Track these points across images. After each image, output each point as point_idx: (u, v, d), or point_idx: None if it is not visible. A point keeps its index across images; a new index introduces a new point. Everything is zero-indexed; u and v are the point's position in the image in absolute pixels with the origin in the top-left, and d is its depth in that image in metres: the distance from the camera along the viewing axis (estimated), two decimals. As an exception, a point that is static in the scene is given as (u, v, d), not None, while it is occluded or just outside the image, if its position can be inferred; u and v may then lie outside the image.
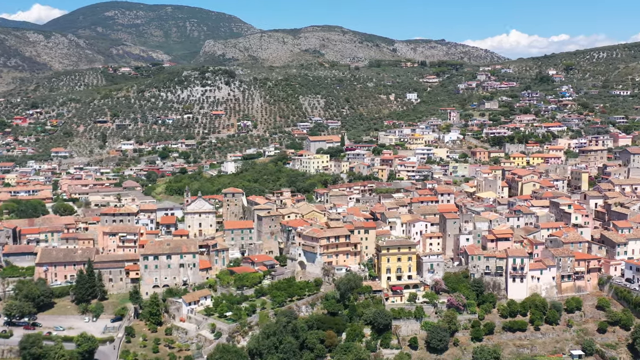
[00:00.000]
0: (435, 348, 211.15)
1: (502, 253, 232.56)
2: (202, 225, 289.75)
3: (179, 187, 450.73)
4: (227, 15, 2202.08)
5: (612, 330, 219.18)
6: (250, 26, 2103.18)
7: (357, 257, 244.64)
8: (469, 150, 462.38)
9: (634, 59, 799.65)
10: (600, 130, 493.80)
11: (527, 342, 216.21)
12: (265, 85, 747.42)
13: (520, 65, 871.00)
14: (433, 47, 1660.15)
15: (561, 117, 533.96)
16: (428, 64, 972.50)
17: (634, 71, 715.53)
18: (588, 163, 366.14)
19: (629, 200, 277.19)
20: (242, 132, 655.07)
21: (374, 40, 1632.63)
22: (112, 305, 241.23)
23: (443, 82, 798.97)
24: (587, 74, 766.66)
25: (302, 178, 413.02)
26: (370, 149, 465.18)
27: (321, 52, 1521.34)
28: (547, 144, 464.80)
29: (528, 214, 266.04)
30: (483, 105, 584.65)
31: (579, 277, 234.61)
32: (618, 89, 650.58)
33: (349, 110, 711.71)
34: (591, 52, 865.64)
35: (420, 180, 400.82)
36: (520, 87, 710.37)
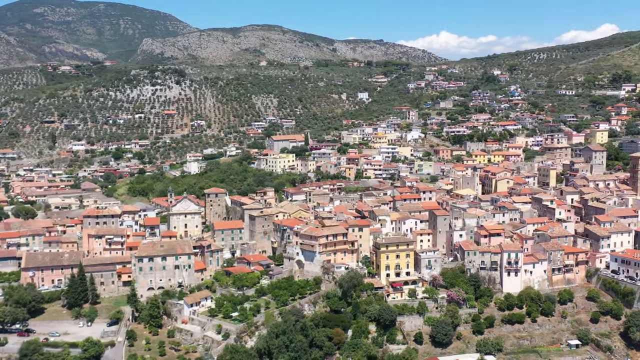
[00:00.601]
0: (441, 342, 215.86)
1: (497, 248, 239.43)
2: (188, 226, 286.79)
3: (142, 188, 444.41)
4: (162, 14, 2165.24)
5: (604, 320, 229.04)
6: (187, 25, 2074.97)
7: (354, 255, 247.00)
8: (431, 149, 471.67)
9: (573, 59, 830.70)
10: (553, 128, 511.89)
11: (526, 334, 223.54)
12: (216, 85, 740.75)
13: (465, 65, 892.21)
14: (372, 47, 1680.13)
15: (514, 116, 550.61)
16: (374, 64, 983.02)
17: (574, 71, 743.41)
18: (554, 160, 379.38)
19: (604, 195, 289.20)
20: (197, 132, 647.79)
21: (314, 40, 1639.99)
22: (106, 310, 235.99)
23: (392, 81, 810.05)
24: (530, 74, 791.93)
25: (269, 178, 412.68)
26: (335, 148, 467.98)
27: (262, 51, 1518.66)
28: (505, 142, 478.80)
29: (512, 210, 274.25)
30: (438, 105, 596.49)
31: (568, 269, 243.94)
32: (562, 89, 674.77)
33: (302, 109, 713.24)
34: (532, 53, 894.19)
35: (387, 179, 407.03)
36: (468, 86, 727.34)
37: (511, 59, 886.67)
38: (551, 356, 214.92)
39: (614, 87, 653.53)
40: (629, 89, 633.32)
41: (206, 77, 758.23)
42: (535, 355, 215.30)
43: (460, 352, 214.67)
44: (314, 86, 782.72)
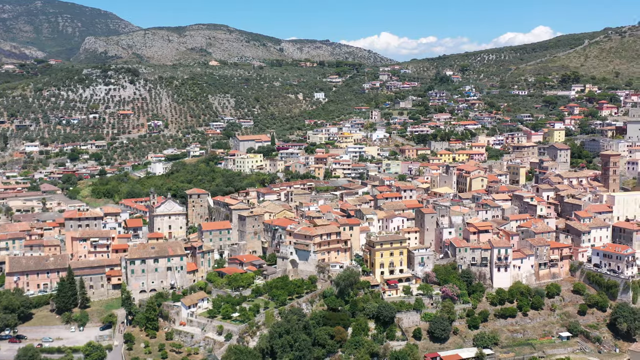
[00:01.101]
0: (439, 337, 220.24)
1: (487, 244, 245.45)
2: (172, 228, 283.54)
3: (106, 189, 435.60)
4: (102, 11, 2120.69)
5: (591, 312, 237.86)
6: (128, 23, 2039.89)
7: (347, 253, 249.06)
8: (396, 148, 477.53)
9: (521, 61, 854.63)
10: (512, 128, 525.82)
11: (519, 327, 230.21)
12: (171, 85, 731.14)
13: (417, 65, 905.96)
14: (319, 47, 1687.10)
15: (473, 116, 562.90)
16: (326, 64, 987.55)
17: (524, 72, 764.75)
18: (522, 158, 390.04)
19: (579, 192, 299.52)
20: (154, 132, 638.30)
21: (261, 40, 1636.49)
22: (97, 313, 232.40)
23: (347, 82, 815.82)
24: (482, 74, 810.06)
25: (238, 178, 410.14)
26: (302, 148, 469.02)
27: (208, 50, 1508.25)
28: (467, 141, 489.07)
29: (494, 207, 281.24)
30: (398, 105, 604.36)
31: (553, 264, 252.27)
32: (515, 89, 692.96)
33: (260, 109, 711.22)
34: (482, 54, 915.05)
35: (356, 178, 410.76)
36: (422, 87, 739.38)
37: (462, 60, 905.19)
38: (544, 348, 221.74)
39: (563, 88, 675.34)
40: (578, 89, 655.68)
41: (161, 76, 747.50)
42: (530, 347, 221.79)
43: (458, 347, 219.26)
44: (270, 86, 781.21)
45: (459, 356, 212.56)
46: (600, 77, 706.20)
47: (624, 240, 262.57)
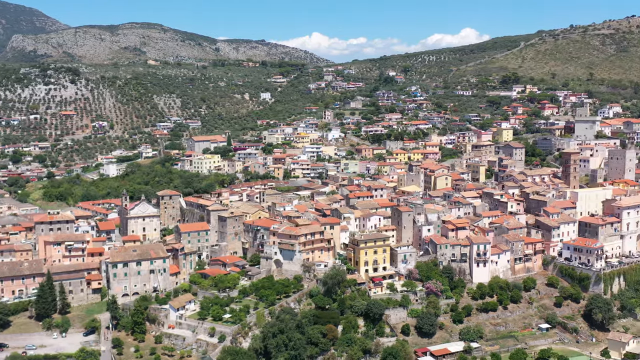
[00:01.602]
0: (427, 333, 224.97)
1: (465, 241, 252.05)
2: (147, 230, 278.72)
3: (59, 192, 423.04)
4: (27, 8, 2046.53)
5: (566, 303, 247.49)
6: (56, 21, 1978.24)
7: (330, 252, 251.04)
8: (352, 148, 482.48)
9: (461, 62, 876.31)
10: (461, 127, 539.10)
11: (501, 321, 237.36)
12: (114, 84, 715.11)
13: (360, 66, 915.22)
14: (254, 47, 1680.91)
15: (423, 116, 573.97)
16: (269, 64, 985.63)
17: (466, 73, 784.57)
18: (481, 157, 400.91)
19: (543, 189, 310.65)
20: (99, 133, 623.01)
21: (196, 39, 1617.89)
22: (78, 319, 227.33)
23: (292, 82, 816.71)
24: (424, 75, 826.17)
25: (197, 179, 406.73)
26: (259, 148, 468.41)
27: (142, 50, 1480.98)
28: (420, 140, 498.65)
29: (466, 205, 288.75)
30: (349, 105, 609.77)
31: (527, 259, 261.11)
32: (458, 89, 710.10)
33: (207, 109, 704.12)
34: (422, 55, 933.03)
35: (315, 178, 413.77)
36: (367, 87, 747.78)
37: (403, 61, 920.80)
38: (526, 340, 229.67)
39: (505, 88, 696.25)
40: (519, 90, 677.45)
41: (103, 76, 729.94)
42: (513, 340, 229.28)
43: (445, 341, 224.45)
44: (215, 86, 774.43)
45: (448, 350, 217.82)
46: (538, 78, 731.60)
47: (589, 235, 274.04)
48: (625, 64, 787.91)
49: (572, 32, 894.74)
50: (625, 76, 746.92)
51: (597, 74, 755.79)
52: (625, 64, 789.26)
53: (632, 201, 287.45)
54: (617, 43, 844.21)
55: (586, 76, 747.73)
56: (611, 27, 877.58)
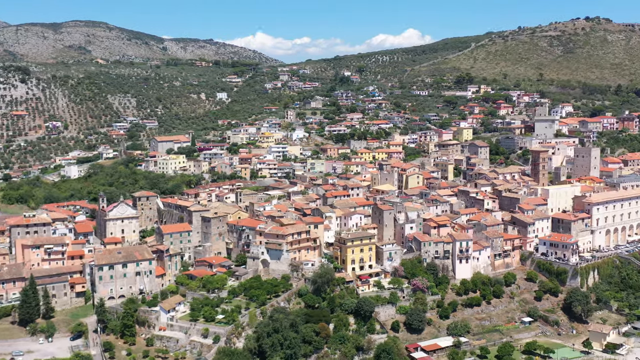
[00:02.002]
0: (416, 329, 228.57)
1: (448, 238, 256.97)
2: (125, 232, 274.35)
3: (19, 195, 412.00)
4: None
5: (546, 297, 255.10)
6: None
7: (316, 251, 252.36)
8: (317, 147, 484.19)
9: (414, 62, 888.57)
10: (422, 127, 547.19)
11: (485, 315, 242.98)
12: (67, 84, 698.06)
13: (314, 66, 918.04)
14: (202, 46, 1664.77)
15: (383, 115, 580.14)
16: (222, 64, 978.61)
17: (420, 73, 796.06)
18: (448, 156, 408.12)
19: (515, 186, 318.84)
20: (53, 134, 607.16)
21: (143, 38, 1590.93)
22: (63, 323, 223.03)
23: (247, 81, 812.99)
24: (379, 75, 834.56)
25: (162, 180, 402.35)
26: (224, 148, 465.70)
27: (87, 48, 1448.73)
28: (383, 139, 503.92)
29: (444, 203, 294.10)
30: (309, 105, 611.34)
31: (506, 254, 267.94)
32: (414, 89, 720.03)
33: (163, 109, 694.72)
34: (375, 56, 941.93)
35: (282, 177, 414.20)
36: (324, 87, 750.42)
37: (357, 61, 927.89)
38: (511, 333, 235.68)
39: (459, 88, 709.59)
40: (474, 90, 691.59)
41: (54, 75, 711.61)
42: (499, 334, 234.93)
43: (433, 337, 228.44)
44: (170, 86, 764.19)
45: (438, 345, 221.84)
46: (490, 78, 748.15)
47: (562, 230, 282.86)
48: (572, 65, 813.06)
49: (520, 33, 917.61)
50: (573, 77, 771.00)
51: (547, 74, 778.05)
52: (572, 64, 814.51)
53: (602, 197, 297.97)
54: (563, 45, 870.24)
55: (536, 77, 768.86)
56: (557, 29, 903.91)
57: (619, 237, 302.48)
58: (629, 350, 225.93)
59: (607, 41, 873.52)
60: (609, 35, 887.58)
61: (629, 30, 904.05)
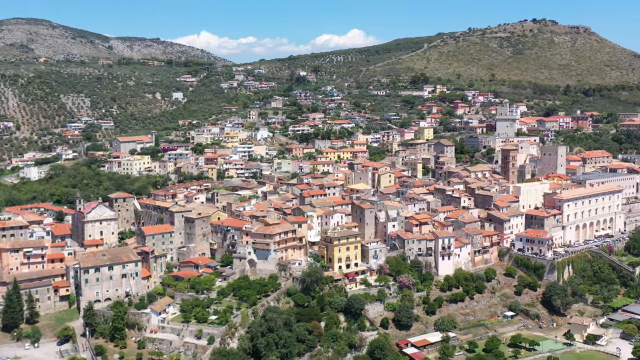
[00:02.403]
0: (405, 325, 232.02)
1: (431, 235, 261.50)
2: (104, 234, 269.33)
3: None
4: None
5: (525, 292, 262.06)
6: None
7: (302, 250, 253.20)
8: (281, 147, 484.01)
9: (368, 62, 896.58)
10: (383, 126, 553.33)
11: (469, 310, 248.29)
12: (16, 83, 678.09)
13: (269, 66, 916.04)
14: (149, 45, 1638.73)
15: (344, 115, 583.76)
16: (174, 63, 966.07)
17: (376, 73, 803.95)
18: (416, 154, 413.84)
19: (487, 184, 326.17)
20: (5, 135, 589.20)
21: (88, 37, 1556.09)
22: (49, 328, 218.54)
23: (202, 81, 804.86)
24: (334, 75, 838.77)
25: (128, 181, 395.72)
26: (189, 148, 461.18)
27: (30, 47, 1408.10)
28: (346, 139, 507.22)
29: (421, 201, 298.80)
30: (270, 105, 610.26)
31: (485, 251, 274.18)
32: (371, 89, 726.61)
33: (118, 109, 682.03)
34: (329, 56, 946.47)
35: (250, 177, 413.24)
36: (280, 87, 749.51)
37: (311, 61, 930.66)
38: (495, 327, 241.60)
39: (416, 88, 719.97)
40: (430, 90, 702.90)
41: (3, 74, 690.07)
42: (484, 328, 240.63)
43: (422, 333, 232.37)
44: (124, 85, 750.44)
45: (428, 341, 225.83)
46: (445, 78, 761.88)
47: (535, 226, 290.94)
48: (522, 66, 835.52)
49: (471, 34, 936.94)
50: (523, 77, 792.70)
51: (498, 75, 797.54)
52: (522, 65, 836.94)
53: (572, 194, 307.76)
54: (513, 46, 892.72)
55: (488, 77, 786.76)
56: (507, 31, 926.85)
57: (587, 232, 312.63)
58: (608, 341, 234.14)
59: (554, 43, 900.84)
60: (556, 37, 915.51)
61: (574, 32, 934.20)
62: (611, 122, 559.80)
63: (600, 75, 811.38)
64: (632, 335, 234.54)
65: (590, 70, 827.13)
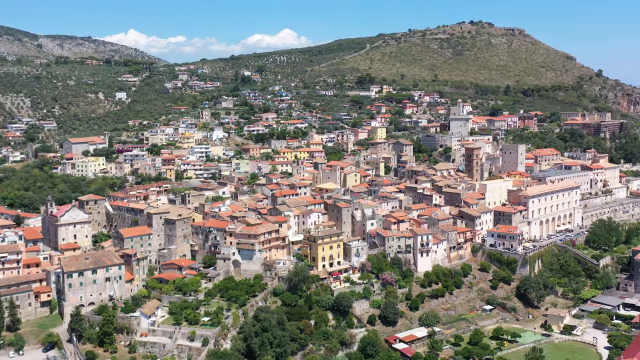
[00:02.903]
0: (391, 321, 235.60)
1: (409, 233, 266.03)
2: (78, 237, 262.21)
3: None
4: None
5: (501, 286, 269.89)
6: None
7: (285, 250, 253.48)
8: (238, 147, 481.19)
9: (311, 62, 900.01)
10: (336, 126, 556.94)
11: (450, 305, 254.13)
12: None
13: (212, 65, 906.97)
14: (80, 44, 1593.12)
15: (297, 115, 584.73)
16: (113, 62, 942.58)
17: (321, 73, 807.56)
18: (377, 154, 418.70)
19: (453, 182, 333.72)
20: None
21: (15, 34, 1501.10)
22: (32, 335, 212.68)
23: (145, 81, 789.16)
24: (279, 75, 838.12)
25: (84, 183, 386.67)
26: (144, 149, 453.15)
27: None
28: (302, 139, 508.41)
29: (393, 199, 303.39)
30: (220, 105, 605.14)
31: (460, 247, 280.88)
32: (317, 89, 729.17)
33: (61, 110, 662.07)
34: (273, 56, 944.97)
35: (209, 178, 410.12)
36: (225, 87, 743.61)
37: (254, 61, 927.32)
38: (476, 321, 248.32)
39: (362, 88, 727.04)
40: (376, 90, 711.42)
41: None
42: (465, 322, 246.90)
43: (407, 328, 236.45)
44: (65, 85, 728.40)
45: (415, 336, 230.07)
46: (390, 79, 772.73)
47: (503, 222, 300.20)
48: (462, 67, 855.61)
49: (411, 36, 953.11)
50: (465, 77, 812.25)
51: (440, 75, 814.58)
52: (462, 66, 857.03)
53: (536, 190, 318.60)
54: (453, 47, 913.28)
55: (431, 77, 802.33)
56: (446, 32, 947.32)
57: (550, 227, 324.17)
58: (583, 330, 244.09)
59: (492, 44, 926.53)
60: (493, 39, 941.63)
61: (510, 34, 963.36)
62: (554, 121, 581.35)
63: (536, 76, 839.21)
64: (605, 324, 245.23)
65: (527, 71, 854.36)
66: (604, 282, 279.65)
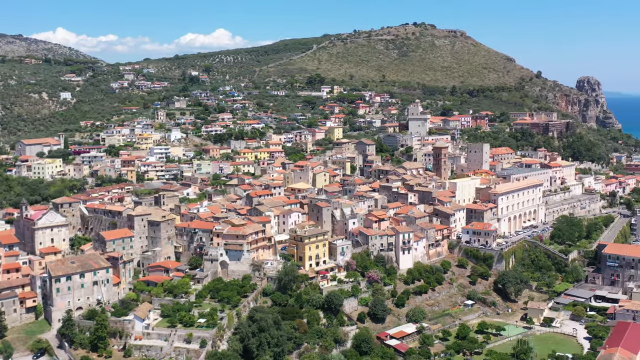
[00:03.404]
0: (380, 318, 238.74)
1: (391, 231, 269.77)
2: (55, 241, 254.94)
3: None
4: None
5: (479, 281, 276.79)
6: None
7: (271, 250, 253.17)
8: (197, 148, 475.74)
9: (259, 62, 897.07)
10: (292, 126, 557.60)
11: (433, 301, 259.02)
12: None
13: (157, 65, 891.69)
14: (11, 42, 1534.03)
15: (252, 115, 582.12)
16: (53, 62, 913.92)
17: (270, 74, 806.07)
18: (342, 153, 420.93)
19: (423, 181, 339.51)
20: None
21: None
22: (20, 341, 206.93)
23: (90, 80, 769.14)
24: (227, 75, 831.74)
25: (42, 186, 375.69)
26: (102, 150, 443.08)
27: None
28: (259, 139, 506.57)
29: (370, 198, 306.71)
30: (173, 105, 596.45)
31: (438, 244, 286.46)
32: (268, 89, 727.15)
33: (4, 110, 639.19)
34: (219, 55, 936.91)
35: (170, 179, 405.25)
36: (173, 87, 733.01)
37: (200, 61, 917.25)
38: (459, 316, 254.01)
39: (313, 89, 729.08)
40: (327, 90, 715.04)
41: None
42: (450, 317, 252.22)
43: (396, 325, 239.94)
44: (5, 84, 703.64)
45: (405, 332, 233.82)
46: (339, 79, 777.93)
47: (475, 219, 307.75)
48: (408, 68, 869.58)
49: (357, 36, 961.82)
50: (411, 78, 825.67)
51: (388, 76, 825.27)
52: (408, 67, 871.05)
53: (505, 188, 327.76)
54: (398, 48, 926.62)
55: (379, 78, 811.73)
56: (391, 34, 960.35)
57: (517, 224, 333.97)
58: (561, 322, 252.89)
59: (435, 46, 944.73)
60: (436, 40, 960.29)
61: (452, 36, 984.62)
62: (504, 121, 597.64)
63: (480, 77, 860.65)
64: (581, 316, 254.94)
65: (470, 73, 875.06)
66: (574, 275, 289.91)
